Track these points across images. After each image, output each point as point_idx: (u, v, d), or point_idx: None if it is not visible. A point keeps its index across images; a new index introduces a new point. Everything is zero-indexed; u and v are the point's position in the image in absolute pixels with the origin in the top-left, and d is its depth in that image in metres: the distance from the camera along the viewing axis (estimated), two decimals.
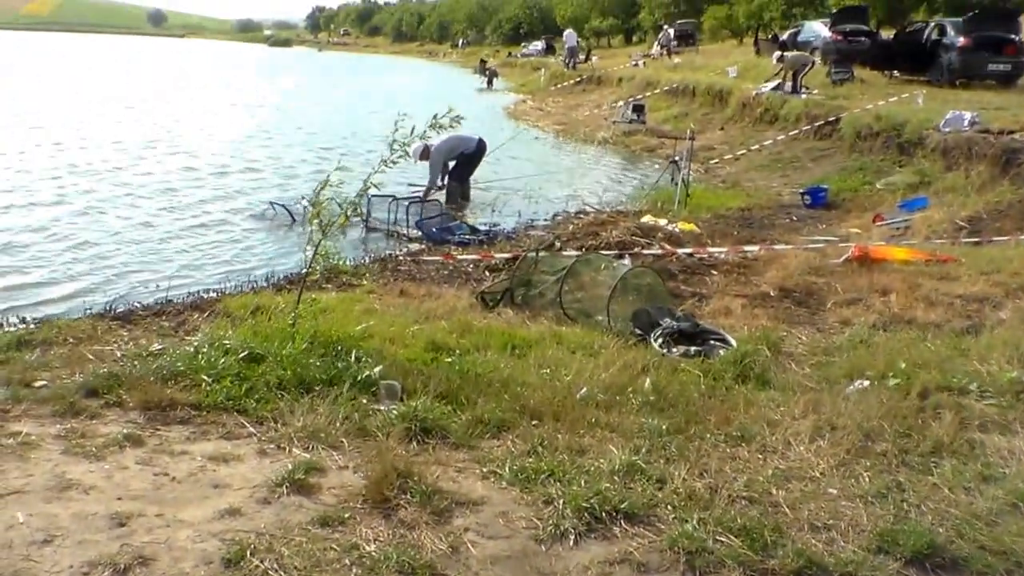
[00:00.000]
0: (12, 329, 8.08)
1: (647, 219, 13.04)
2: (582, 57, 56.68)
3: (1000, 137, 16.02)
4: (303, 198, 13.47)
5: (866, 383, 6.31)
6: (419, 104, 7.07)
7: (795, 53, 28.13)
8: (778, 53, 27.66)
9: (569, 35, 53.71)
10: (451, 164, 16.50)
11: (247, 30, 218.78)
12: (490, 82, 52.19)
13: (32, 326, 8.10)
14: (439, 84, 56.48)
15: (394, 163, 7.10)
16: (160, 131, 26.44)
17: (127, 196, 16.18)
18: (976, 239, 11.71)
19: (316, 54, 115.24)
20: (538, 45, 76.58)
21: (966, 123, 17.07)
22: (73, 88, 41.85)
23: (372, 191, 7.53)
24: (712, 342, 7.63)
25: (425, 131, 7.09)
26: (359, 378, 6.03)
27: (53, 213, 14.42)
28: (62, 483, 4.51)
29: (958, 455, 5.08)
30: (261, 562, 3.79)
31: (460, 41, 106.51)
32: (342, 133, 27.69)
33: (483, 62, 58.99)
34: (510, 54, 76.54)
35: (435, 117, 7.03)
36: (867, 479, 4.83)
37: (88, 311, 8.96)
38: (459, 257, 11.33)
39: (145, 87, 45.92)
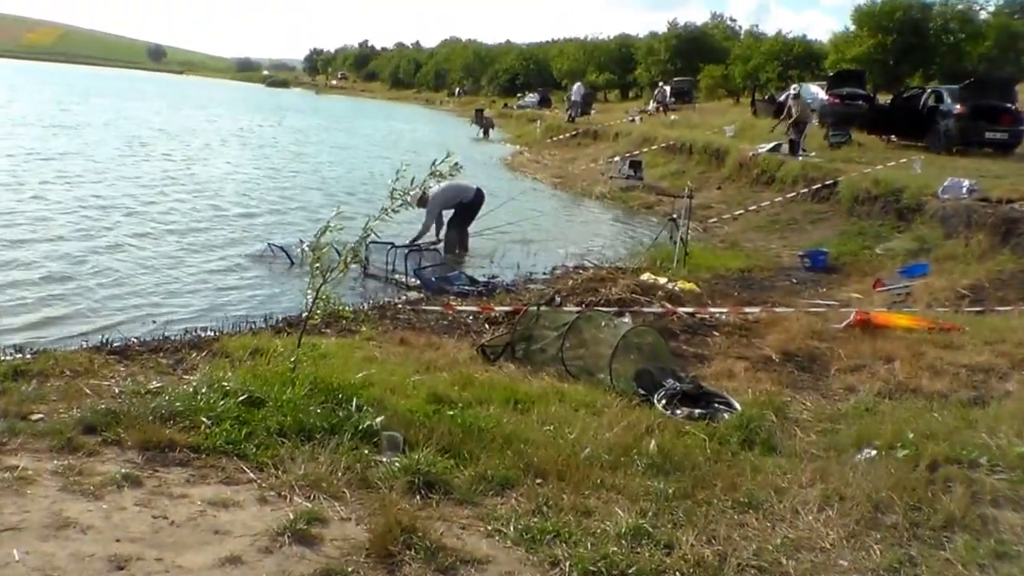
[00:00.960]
0: (8, 359, 7.97)
1: (646, 277, 13.02)
2: (592, 112, 57.10)
3: (1000, 206, 16.09)
4: (301, 241, 13.49)
5: (873, 453, 6.24)
6: (425, 150, 7.04)
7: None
8: (794, 90, 27.31)
9: (577, 88, 53.72)
10: (449, 213, 16.51)
11: (245, 69, 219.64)
12: (486, 132, 52.34)
13: (28, 356, 8.01)
14: (438, 132, 56.77)
15: (395, 211, 7.08)
16: (171, 169, 26.63)
17: (125, 231, 16.14)
18: (979, 308, 11.68)
19: (314, 96, 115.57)
20: (534, 97, 77.05)
21: (964, 190, 17.13)
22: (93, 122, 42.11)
23: (371, 238, 7.48)
24: (716, 405, 7.57)
25: (425, 179, 7.08)
26: (360, 427, 5.94)
27: (55, 246, 14.36)
28: (59, 521, 4.44)
29: (970, 530, 5.00)
30: None
31: (457, 90, 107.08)
32: (360, 177, 28.01)
33: (479, 112, 59.06)
34: (506, 105, 77.03)
35: (434, 164, 7.02)
36: (878, 552, 4.76)
37: (84, 344, 8.88)
38: (459, 308, 11.25)
39: (159, 121, 46.53)
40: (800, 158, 24.79)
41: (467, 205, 16.49)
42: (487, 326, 10.57)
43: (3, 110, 43.94)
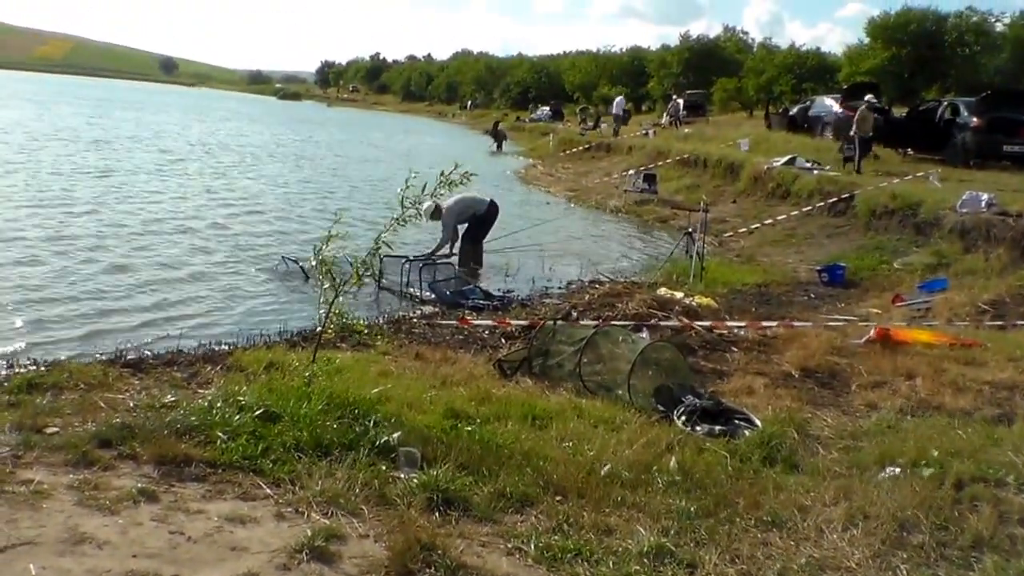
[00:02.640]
0: (22, 371, 7.97)
1: (663, 291, 12.92)
2: (591, 124, 57.03)
3: (1020, 219, 15.94)
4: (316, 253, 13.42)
5: (897, 471, 6.15)
6: (446, 163, 7.03)
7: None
8: (868, 100, 25.90)
9: (619, 102, 53.33)
10: (463, 227, 16.44)
11: (257, 82, 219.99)
12: (499, 145, 52.23)
13: (42, 369, 8.01)
14: (454, 145, 56.71)
15: (405, 222, 7.04)
16: (215, 185, 26.76)
17: (140, 243, 16.17)
18: (1000, 324, 11.54)
19: (326, 109, 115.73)
20: (546, 110, 76.89)
21: (983, 204, 16.97)
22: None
23: (385, 251, 7.42)
24: (736, 421, 7.47)
25: (436, 188, 7.03)
26: (377, 443, 5.92)
27: (69, 259, 14.33)
28: (75, 536, 4.42)
29: (999, 550, 4.94)
30: None
31: (469, 103, 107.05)
32: (392, 188, 28.02)
33: (496, 124, 58.66)
34: (518, 118, 76.80)
35: (443, 174, 7.01)
36: (905, 572, 4.72)
37: (98, 356, 8.83)
38: (475, 322, 11.17)
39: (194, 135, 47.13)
40: (858, 173, 24.17)
41: (481, 218, 16.42)
42: (503, 340, 10.49)
43: (35, 124, 43.98)
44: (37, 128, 41.51)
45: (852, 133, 25.17)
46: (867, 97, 26.19)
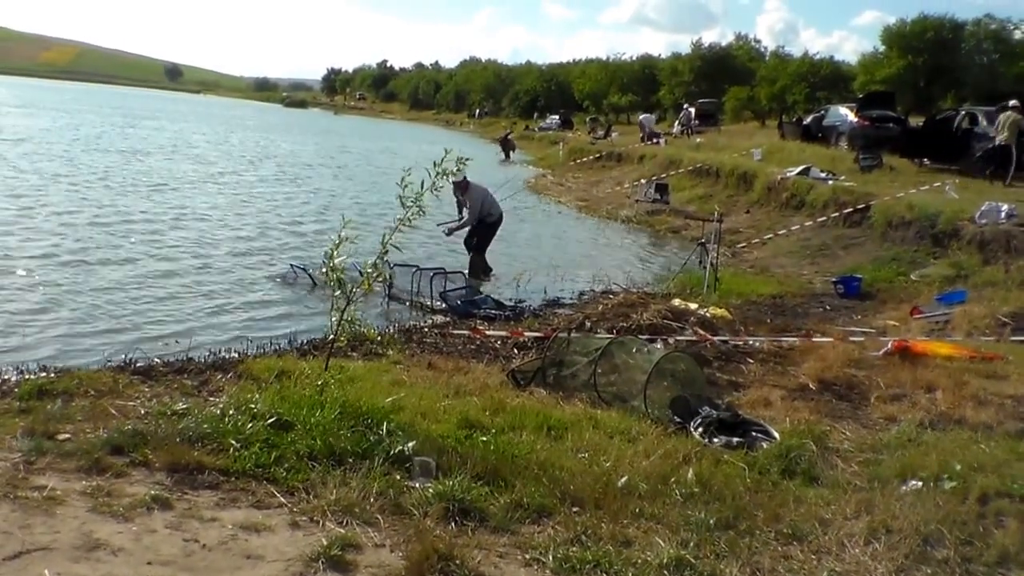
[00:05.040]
0: (32, 377, 7.93)
1: (677, 302, 12.81)
2: (602, 133, 56.86)
3: None
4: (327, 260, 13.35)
5: (919, 484, 6.07)
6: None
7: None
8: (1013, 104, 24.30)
9: (648, 119, 53.15)
10: (464, 232, 16.47)
11: (263, 89, 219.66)
12: (507, 155, 51.89)
13: (53, 375, 7.98)
14: (463, 153, 56.50)
15: (411, 221, 7.01)
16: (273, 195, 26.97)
17: (152, 250, 16.11)
18: (1022, 337, 11.41)
19: (333, 117, 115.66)
20: (555, 119, 76.70)
21: (1003, 215, 16.86)
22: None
23: (395, 260, 7.35)
24: (754, 433, 7.38)
25: (434, 180, 7.03)
26: (392, 452, 5.88)
27: (80, 266, 14.24)
28: (89, 543, 4.39)
29: None
30: None
31: (477, 111, 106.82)
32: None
33: (507, 135, 58.14)
34: (527, 127, 76.58)
35: (435, 164, 7.07)
36: None
37: (108, 363, 8.78)
38: (487, 332, 11.10)
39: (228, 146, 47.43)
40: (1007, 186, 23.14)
41: (490, 225, 16.39)
42: (516, 351, 10.41)
43: (68, 132, 44.19)
44: (72, 136, 41.96)
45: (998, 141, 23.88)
46: (1011, 103, 24.72)
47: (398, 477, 5.57)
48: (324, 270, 7.48)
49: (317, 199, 27.32)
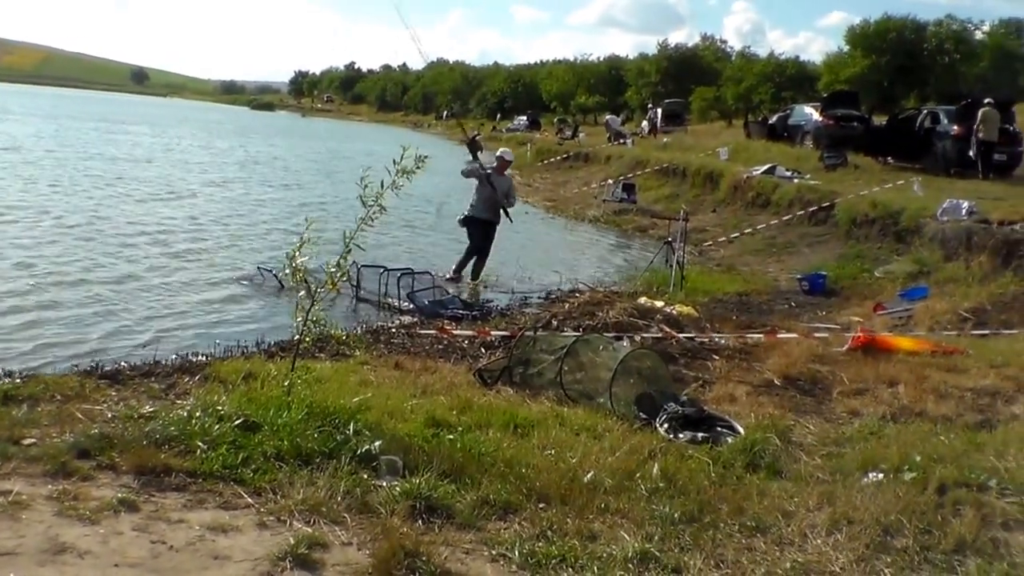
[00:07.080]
0: None
1: (643, 300, 12.88)
2: (569, 133, 56.92)
3: (1000, 228, 16.00)
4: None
5: (880, 476, 6.16)
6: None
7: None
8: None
9: (613, 119, 53.22)
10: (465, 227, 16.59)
11: (230, 92, 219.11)
12: (475, 156, 51.54)
13: (18, 380, 7.89)
14: (436, 156, 56.44)
15: (373, 220, 7.01)
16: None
17: (118, 252, 15.97)
18: (982, 331, 11.59)
19: (301, 119, 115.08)
20: (523, 120, 76.63)
21: (964, 212, 17.07)
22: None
23: (363, 261, 7.31)
24: (719, 428, 7.46)
25: (394, 179, 6.98)
26: (359, 452, 5.87)
27: (47, 272, 14.09)
28: (56, 546, 4.37)
29: (982, 554, 4.97)
30: None
31: (444, 113, 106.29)
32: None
33: (475, 136, 57.98)
34: (495, 128, 76.46)
35: (395, 163, 6.99)
36: None
37: (75, 367, 8.74)
38: (455, 332, 11.12)
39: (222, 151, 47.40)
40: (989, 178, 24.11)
41: (491, 224, 16.44)
42: (483, 350, 10.44)
43: (55, 139, 43.76)
44: (60, 143, 41.62)
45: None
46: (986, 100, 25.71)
47: (365, 476, 5.57)
48: (287, 272, 7.46)
49: (312, 199, 27.53)
